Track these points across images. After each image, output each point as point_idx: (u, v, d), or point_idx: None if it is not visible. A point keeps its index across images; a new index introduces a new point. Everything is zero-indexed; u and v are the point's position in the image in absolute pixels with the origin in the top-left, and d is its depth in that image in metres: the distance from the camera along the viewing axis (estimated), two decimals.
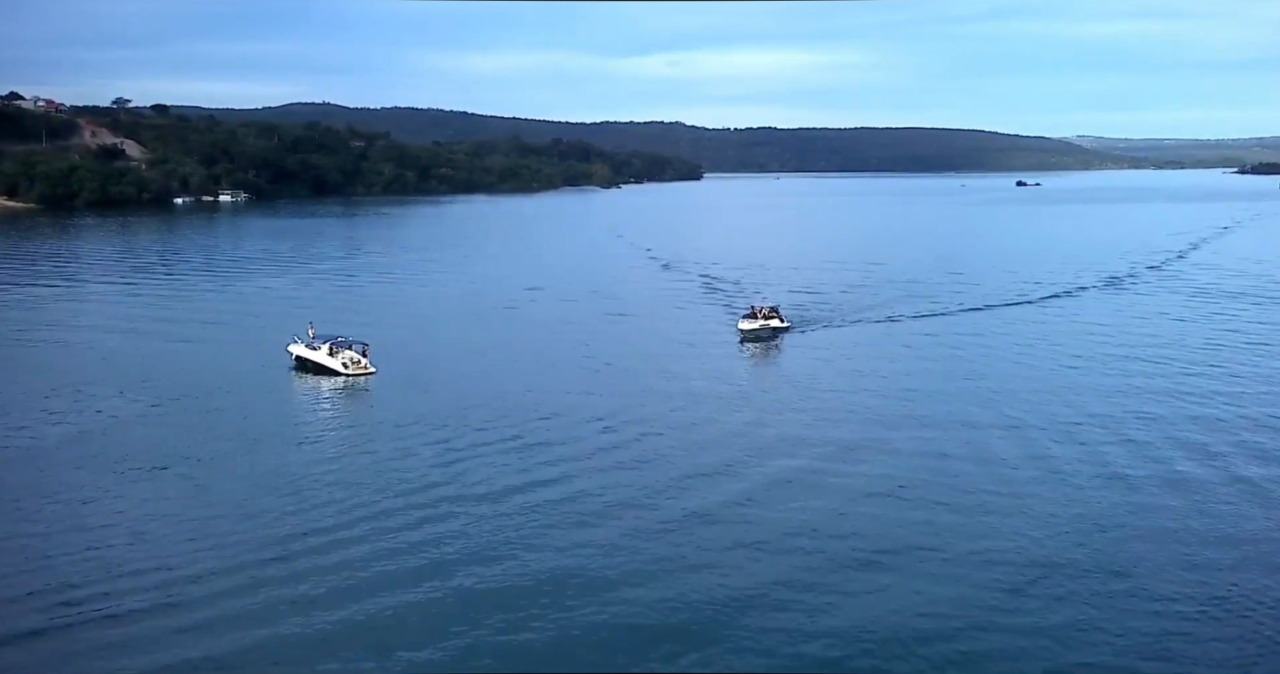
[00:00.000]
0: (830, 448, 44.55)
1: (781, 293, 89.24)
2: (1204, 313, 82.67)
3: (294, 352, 61.99)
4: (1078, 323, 78.38)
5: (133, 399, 52.54)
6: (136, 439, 45.56)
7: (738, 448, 44.57)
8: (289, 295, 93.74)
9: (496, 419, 48.41)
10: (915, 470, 41.34)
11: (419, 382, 57.33)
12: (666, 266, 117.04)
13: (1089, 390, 54.64)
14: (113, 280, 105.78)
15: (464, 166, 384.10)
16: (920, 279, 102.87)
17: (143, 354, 65.40)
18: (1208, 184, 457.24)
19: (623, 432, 46.68)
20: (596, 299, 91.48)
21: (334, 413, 52.17)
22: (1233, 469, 41.16)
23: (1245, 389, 55.07)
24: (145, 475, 40.53)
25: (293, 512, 36.34)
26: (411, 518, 35.68)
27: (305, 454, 43.39)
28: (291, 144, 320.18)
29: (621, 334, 74.57)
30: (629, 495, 38.17)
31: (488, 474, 40.39)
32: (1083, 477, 40.26)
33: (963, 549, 33.19)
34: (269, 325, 72.72)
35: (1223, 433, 46.26)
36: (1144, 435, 45.94)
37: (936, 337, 72.85)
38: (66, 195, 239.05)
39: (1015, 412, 50.17)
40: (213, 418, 49.22)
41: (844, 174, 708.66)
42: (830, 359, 65.68)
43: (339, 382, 58.15)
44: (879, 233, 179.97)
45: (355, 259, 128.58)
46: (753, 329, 71.41)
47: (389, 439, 45.45)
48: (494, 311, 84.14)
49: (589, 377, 58.80)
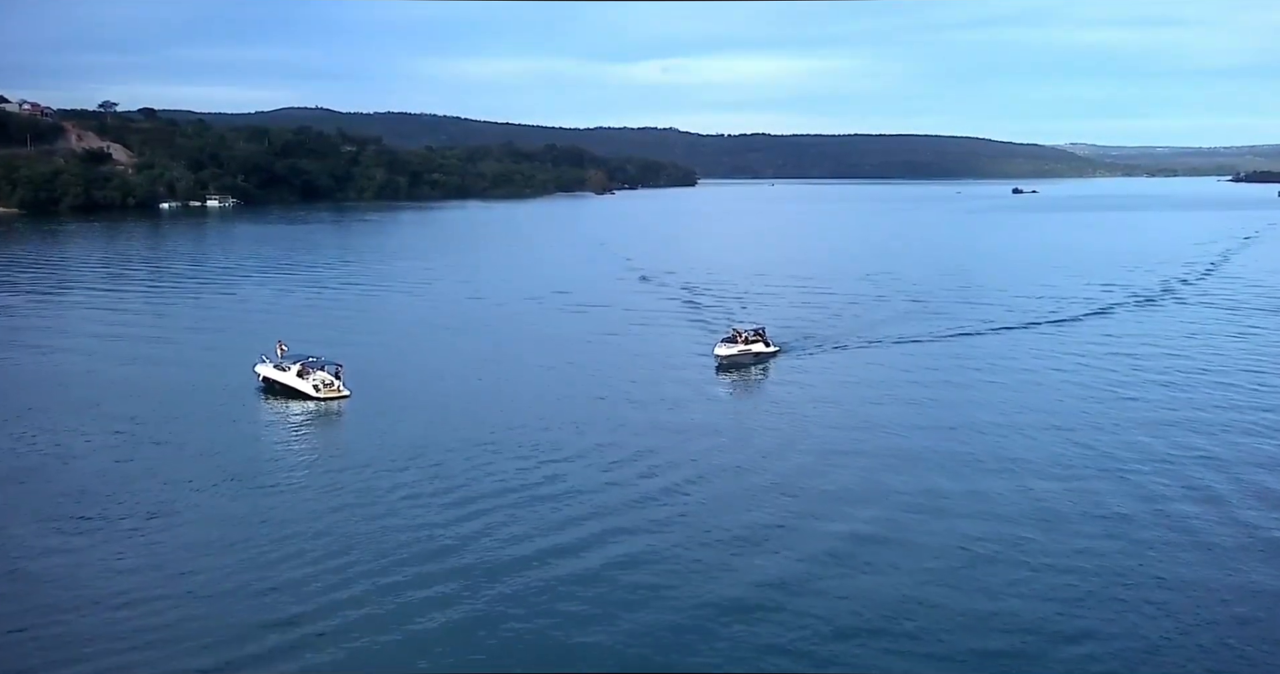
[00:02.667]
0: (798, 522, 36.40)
1: (772, 309, 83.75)
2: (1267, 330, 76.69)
3: (261, 372, 57.45)
4: (1127, 344, 70.92)
5: (79, 428, 47.96)
6: (73, 478, 40.79)
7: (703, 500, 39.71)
8: (263, 307, 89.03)
9: (472, 455, 43.98)
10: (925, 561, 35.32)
11: (394, 407, 52.81)
12: (653, 280, 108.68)
13: (1149, 426, 48.73)
14: (78, 289, 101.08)
15: (456, 172, 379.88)
16: (928, 294, 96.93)
17: (98, 374, 60.80)
18: (1206, 192, 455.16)
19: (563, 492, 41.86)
20: (578, 314, 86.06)
21: (301, 446, 47.20)
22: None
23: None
24: (77, 528, 35.66)
25: (247, 582, 31.30)
26: (375, 584, 31.22)
27: (265, 501, 38.52)
28: (281, 149, 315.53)
29: (601, 357, 67.25)
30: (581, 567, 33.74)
31: (466, 530, 35.81)
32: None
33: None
34: (237, 342, 68.18)
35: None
36: (1221, 484, 40.47)
37: (954, 361, 65.46)
38: (50, 200, 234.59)
39: (1064, 459, 43.75)
40: (163, 453, 44.44)
41: (837, 180, 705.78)
42: (820, 392, 56.65)
43: (309, 407, 53.58)
44: (878, 242, 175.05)
45: (335, 269, 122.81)
46: (731, 355, 62.81)
47: (359, 478, 40.82)
48: (473, 327, 79.27)
49: (565, 408, 54.06)
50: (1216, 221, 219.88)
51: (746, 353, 63.76)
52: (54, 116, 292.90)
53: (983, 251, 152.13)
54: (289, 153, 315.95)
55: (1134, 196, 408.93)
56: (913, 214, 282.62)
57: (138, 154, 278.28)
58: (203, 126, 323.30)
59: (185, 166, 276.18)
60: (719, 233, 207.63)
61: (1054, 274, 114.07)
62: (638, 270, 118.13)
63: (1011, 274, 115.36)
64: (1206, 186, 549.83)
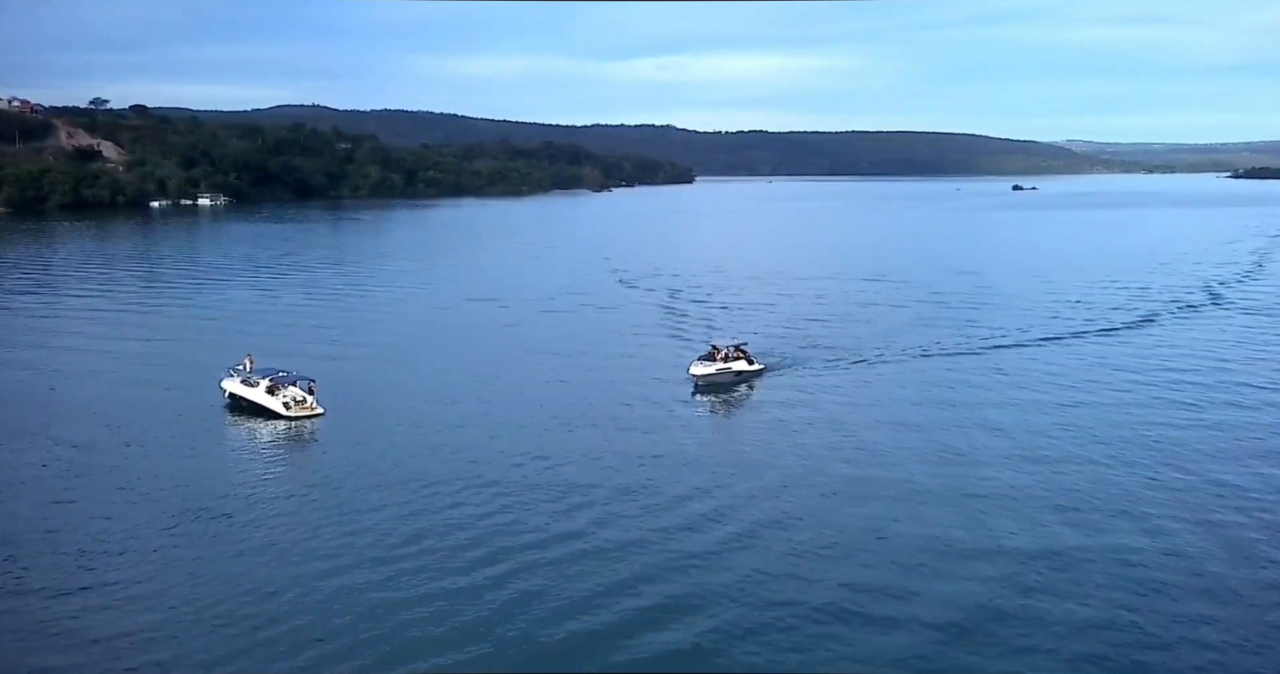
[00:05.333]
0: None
1: (765, 318, 78.41)
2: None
3: (228, 388, 53.26)
4: (1187, 356, 64.22)
5: (19, 453, 43.73)
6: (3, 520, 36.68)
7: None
8: (238, 313, 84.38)
9: (455, 490, 39.75)
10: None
11: (371, 427, 48.61)
12: (640, 286, 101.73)
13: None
14: (46, 292, 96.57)
15: (452, 170, 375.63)
16: (940, 299, 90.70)
17: (50, 389, 56.44)
18: (1209, 189, 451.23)
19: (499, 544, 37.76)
20: (565, 322, 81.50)
21: (267, 475, 42.40)
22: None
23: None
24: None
25: (188, 652, 27.19)
26: (337, 645, 27.11)
27: (227, 544, 34.21)
28: (275, 146, 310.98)
29: (585, 373, 61.05)
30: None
31: (447, 587, 31.67)
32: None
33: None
34: (206, 354, 63.62)
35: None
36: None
37: (995, 377, 58.62)
38: (37, 199, 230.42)
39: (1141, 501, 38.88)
40: (110, 483, 40.17)
41: (835, 177, 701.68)
42: (810, 418, 49.45)
43: (279, 427, 49.39)
44: (883, 243, 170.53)
45: (316, 272, 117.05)
46: (708, 375, 56.18)
47: (328, 519, 36.48)
48: (458, 336, 74.53)
49: (544, 434, 49.89)
50: (1237, 218, 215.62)
51: (726, 371, 56.99)
52: (44, 114, 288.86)
53: (997, 251, 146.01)
54: (282, 150, 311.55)
55: (1138, 193, 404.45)
56: (915, 212, 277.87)
57: (129, 151, 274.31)
58: (195, 123, 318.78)
59: (177, 164, 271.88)
60: (715, 232, 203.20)
61: (1081, 277, 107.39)
62: (626, 274, 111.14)
63: (1033, 277, 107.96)
64: (1207, 183, 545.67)
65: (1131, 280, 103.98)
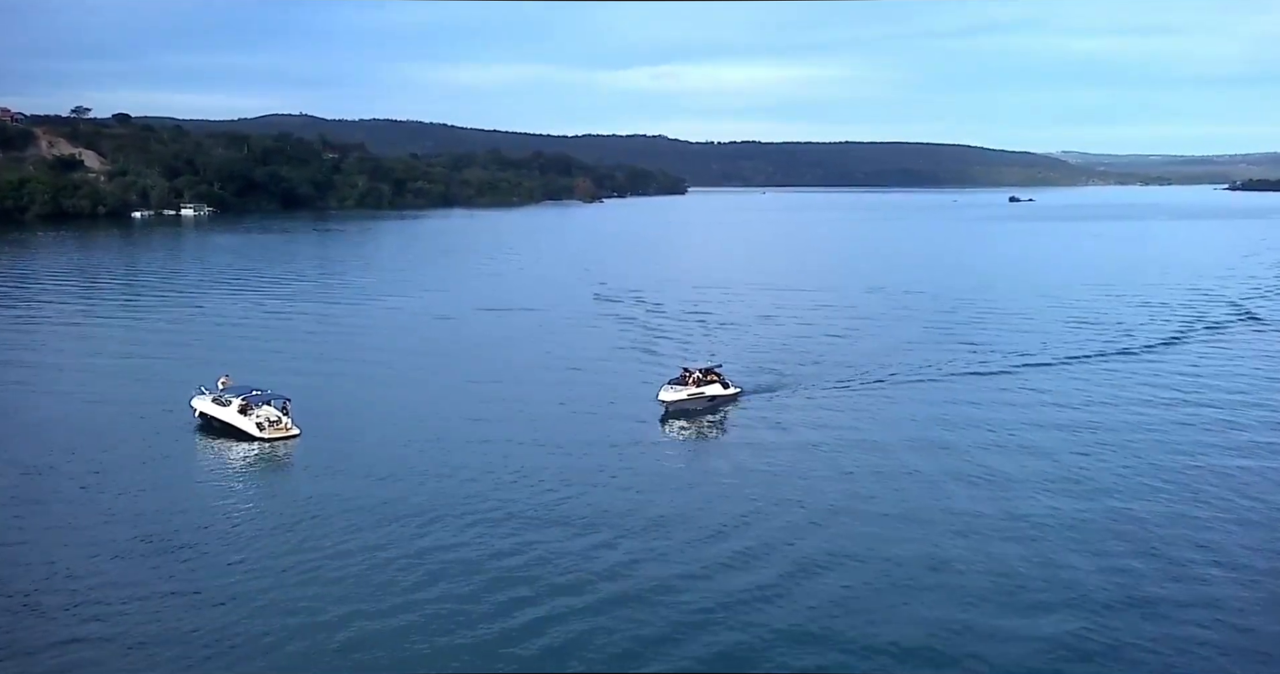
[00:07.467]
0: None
1: (746, 340, 74.18)
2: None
3: (199, 407, 50.22)
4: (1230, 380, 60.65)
5: None
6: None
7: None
8: (215, 328, 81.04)
9: (432, 516, 36.93)
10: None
11: (348, 449, 45.71)
12: (624, 302, 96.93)
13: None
14: (20, 306, 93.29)
15: (441, 180, 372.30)
16: (945, 316, 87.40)
17: (10, 408, 53.33)
18: (1208, 201, 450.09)
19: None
20: (546, 341, 77.16)
21: (238, 501, 39.48)
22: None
23: None
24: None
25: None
26: None
27: (193, 580, 31.40)
28: (261, 155, 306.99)
29: (557, 398, 55.73)
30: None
31: (425, 617, 28.77)
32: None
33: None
34: (180, 370, 60.55)
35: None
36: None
37: (985, 405, 54.89)
38: (16, 209, 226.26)
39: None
40: (61, 516, 37.09)
41: (830, 188, 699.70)
42: (791, 451, 45.23)
43: (252, 449, 46.39)
44: (880, 253, 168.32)
45: (291, 285, 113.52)
46: (678, 401, 52.19)
47: (301, 550, 33.67)
48: (437, 353, 71.04)
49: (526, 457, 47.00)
50: (1248, 230, 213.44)
51: (698, 397, 53.27)
52: (25, 122, 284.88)
53: (1005, 266, 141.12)
54: (268, 159, 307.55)
55: (1137, 205, 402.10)
56: (913, 224, 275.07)
57: (111, 161, 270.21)
58: (179, 132, 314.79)
59: (160, 174, 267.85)
60: (716, 245, 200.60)
61: (1102, 292, 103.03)
62: (611, 292, 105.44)
63: (1049, 294, 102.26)
64: (1206, 195, 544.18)
65: (1162, 296, 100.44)
